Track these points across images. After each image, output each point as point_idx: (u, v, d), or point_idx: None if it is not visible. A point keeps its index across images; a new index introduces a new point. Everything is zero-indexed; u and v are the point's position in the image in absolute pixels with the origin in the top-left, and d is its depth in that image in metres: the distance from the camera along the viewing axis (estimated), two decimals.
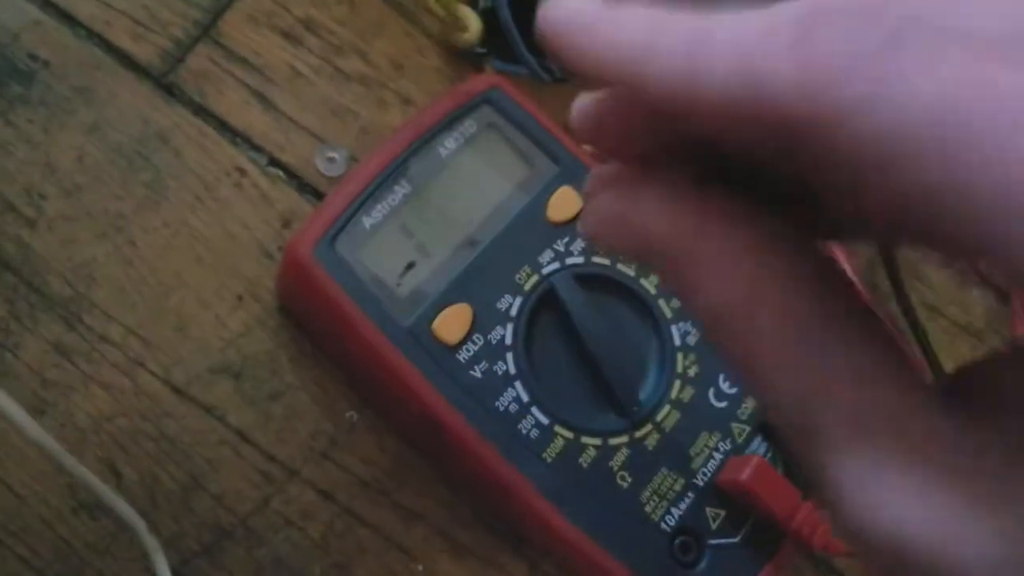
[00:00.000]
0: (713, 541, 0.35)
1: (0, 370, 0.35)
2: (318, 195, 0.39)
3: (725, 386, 0.37)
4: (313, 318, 0.36)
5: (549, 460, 0.34)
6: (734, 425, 0.37)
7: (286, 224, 0.38)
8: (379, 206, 0.35)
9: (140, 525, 0.34)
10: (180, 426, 0.36)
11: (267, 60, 0.40)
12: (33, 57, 0.38)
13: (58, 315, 0.36)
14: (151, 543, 0.33)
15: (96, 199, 0.37)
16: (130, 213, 0.37)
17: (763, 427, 0.37)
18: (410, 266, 0.35)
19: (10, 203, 0.36)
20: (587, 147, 0.39)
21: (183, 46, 0.39)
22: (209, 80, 0.39)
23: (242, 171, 0.39)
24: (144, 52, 0.39)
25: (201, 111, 0.39)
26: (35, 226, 0.36)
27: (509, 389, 0.35)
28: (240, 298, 0.37)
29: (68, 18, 0.38)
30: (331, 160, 0.39)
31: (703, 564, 0.35)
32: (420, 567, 0.37)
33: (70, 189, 0.37)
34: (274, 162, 0.39)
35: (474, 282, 0.35)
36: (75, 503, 0.34)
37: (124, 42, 0.39)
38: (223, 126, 0.39)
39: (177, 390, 0.36)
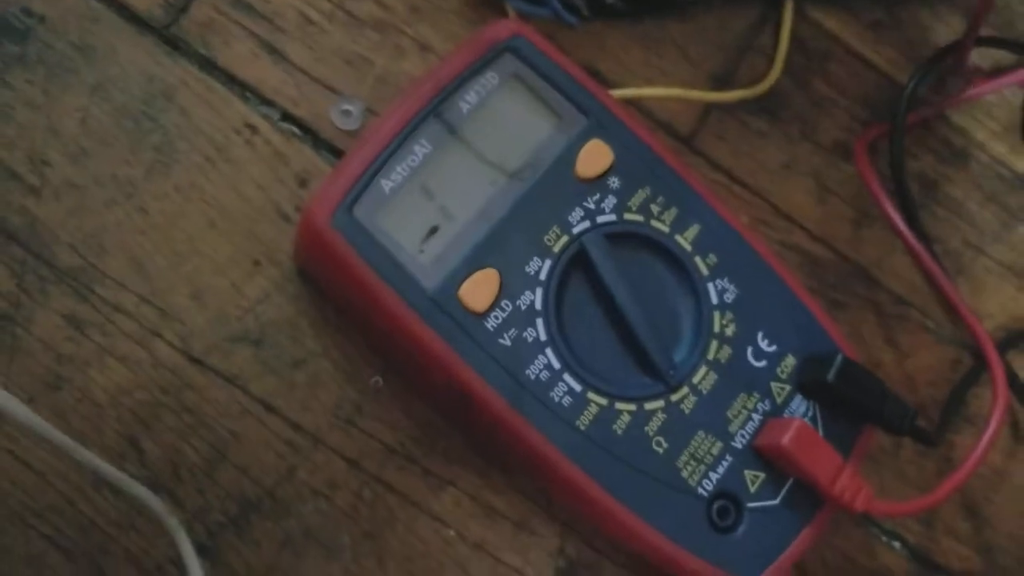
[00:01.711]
0: (752, 504, 0.34)
1: (12, 346, 0.34)
2: (334, 151, 0.37)
3: (764, 344, 0.35)
4: (333, 287, 0.35)
5: (583, 428, 0.33)
6: (774, 385, 0.35)
7: (302, 183, 0.37)
8: (398, 167, 0.33)
9: (158, 505, 0.33)
10: (201, 397, 0.35)
11: (275, 7, 0.38)
12: (28, 13, 0.36)
13: (69, 287, 0.34)
14: (171, 523, 0.33)
15: (103, 164, 0.35)
16: (139, 178, 0.36)
17: (804, 386, 0.35)
18: (433, 230, 0.33)
19: (13, 171, 0.35)
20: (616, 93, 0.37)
21: None
22: (214, 31, 0.37)
23: (253, 128, 0.37)
24: (144, 2, 0.37)
25: (207, 65, 0.37)
26: (40, 195, 0.35)
27: (540, 356, 0.33)
28: (257, 263, 0.36)
29: None
30: (346, 113, 0.37)
31: (742, 528, 0.34)
32: (452, 533, 0.36)
33: (75, 154, 0.35)
34: (287, 117, 0.37)
35: (501, 245, 0.33)
36: (95, 478, 0.34)
37: None
38: (231, 80, 0.37)
39: (196, 360, 0.35)
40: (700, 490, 0.34)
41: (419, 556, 0.36)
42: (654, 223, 0.35)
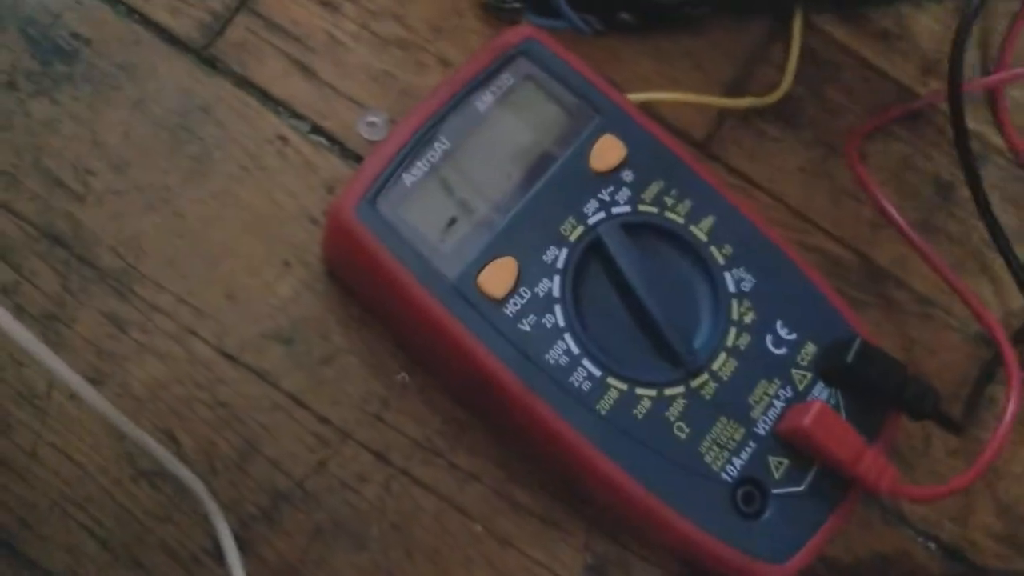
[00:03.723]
0: (777, 491, 0.34)
1: (56, 342, 0.35)
2: (361, 160, 0.39)
3: (783, 332, 0.36)
4: (359, 279, 0.36)
5: (603, 413, 0.34)
6: (794, 372, 0.36)
7: (330, 190, 0.38)
8: (419, 163, 0.35)
9: (200, 488, 0.34)
10: (234, 392, 0.36)
11: (305, 28, 0.40)
12: (75, 36, 0.38)
13: (110, 287, 0.36)
14: (212, 506, 0.34)
15: (143, 173, 0.37)
16: (177, 185, 0.38)
17: (825, 373, 0.36)
18: (452, 222, 0.35)
19: (59, 179, 0.37)
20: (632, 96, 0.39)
21: (221, 18, 0.40)
22: (248, 51, 0.39)
23: (285, 139, 0.39)
24: (183, 26, 0.39)
25: (242, 82, 0.39)
26: (84, 201, 0.37)
27: (559, 342, 0.34)
28: (288, 264, 0.38)
29: None
30: (372, 125, 0.39)
31: (767, 514, 0.34)
32: (478, 527, 0.36)
33: (118, 164, 0.37)
34: (316, 129, 0.39)
35: (518, 235, 0.35)
36: (134, 471, 0.35)
37: (163, 17, 0.39)
38: (264, 96, 0.39)
39: (230, 357, 0.36)
40: (724, 475, 0.34)
41: (447, 549, 0.36)
42: (668, 214, 0.36)
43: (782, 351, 0.36)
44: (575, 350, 0.34)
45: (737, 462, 0.34)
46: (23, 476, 0.34)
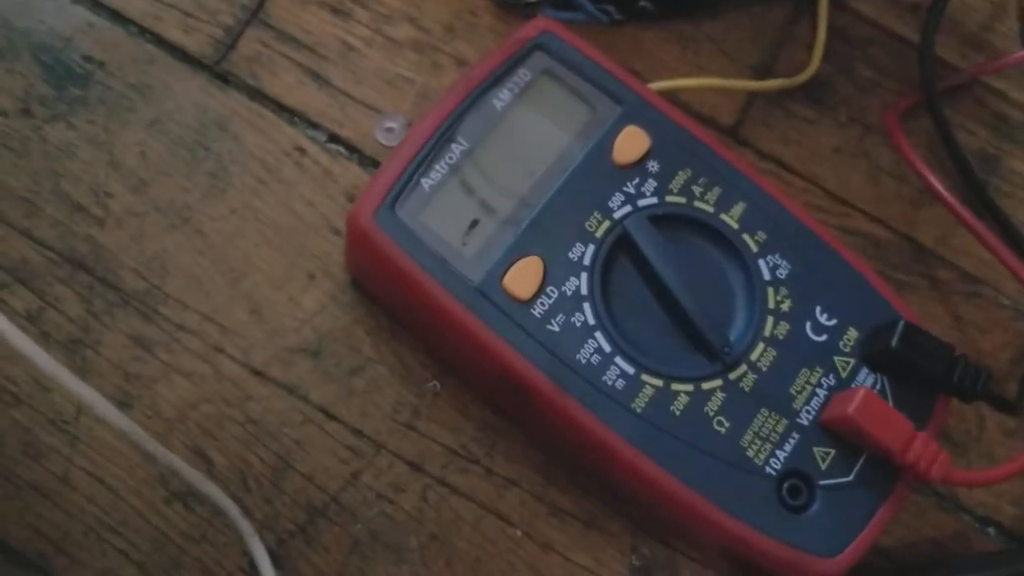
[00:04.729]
0: (824, 482, 0.33)
1: (83, 368, 0.35)
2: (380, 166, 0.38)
3: (823, 318, 0.35)
4: (382, 287, 0.36)
5: (639, 411, 0.33)
6: (837, 359, 0.34)
7: (351, 199, 0.38)
8: (437, 166, 0.34)
9: (233, 509, 0.33)
10: (264, 408, 0.36)
11: (317, 37, 0.40)
12: (88, 59, 0.38)
13: (135, 309, 0.36)
14: (245, 525, 0.33)
15: (162, 192, 0.37)
16: (196, 203, 0.37)
17: (869, 359, 0.34)
18: (474, 223, 0.34)
19: (78, 203, 0.37)
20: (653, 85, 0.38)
21: (233, 32, 0.39)
22: (261, 63, 0.39)
23: (302, 150, 0.38)
24: (195, 42, 0.39)
25: (256, 95, 0.39)
26: (104, 224, 0.37)
27: (590, 340, 0.33)
28: (312, 276, 0.37)
29: (119, 17, 0.39)
30: (390, 130, 0.39)
31: (815, 507, 0.33)
32: (519, 533, 0.36)
33: (136, 185, 0.37)
34: (333, 138, 0.39)
35: (542, 234, 0.34)
36: (167, 493, 0.35)
37: (175, 35, 0.39)
38: (279, 107, 0.39)
39: (258, 373, 0.36)
40: (768, 469, 0.33)
41: (488, 557, 0.35)
42: (697, 204, 0.35)
43: (823, 338, 0.34)
44: (607, 348, 0.33)
45: (781, 455, 0.33)
46: (56, 502, 0.34)
